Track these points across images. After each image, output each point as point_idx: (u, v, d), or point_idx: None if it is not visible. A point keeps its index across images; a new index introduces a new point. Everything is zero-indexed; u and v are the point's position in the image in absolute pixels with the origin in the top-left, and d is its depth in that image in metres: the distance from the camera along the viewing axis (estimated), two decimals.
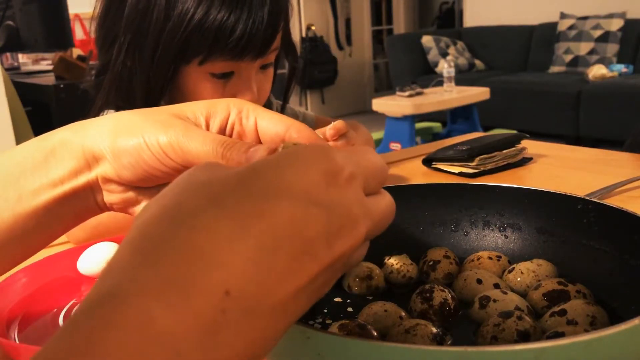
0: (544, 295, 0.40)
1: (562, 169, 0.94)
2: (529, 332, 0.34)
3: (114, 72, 0.76)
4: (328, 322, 0.40)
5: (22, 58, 3.68)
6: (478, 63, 5.15)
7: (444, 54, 4.97)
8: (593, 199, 0.43)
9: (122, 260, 0.20)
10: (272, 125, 0.35)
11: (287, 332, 0.23)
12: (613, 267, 0.41)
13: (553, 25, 4.69)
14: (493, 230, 0.49)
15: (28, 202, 0.33)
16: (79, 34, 3.93)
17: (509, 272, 0.44)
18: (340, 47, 6.06)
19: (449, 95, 3.55)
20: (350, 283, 0.45)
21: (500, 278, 0.44)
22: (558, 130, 4.17)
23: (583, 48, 4.47)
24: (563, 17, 4.60)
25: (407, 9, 6.76)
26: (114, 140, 0.33)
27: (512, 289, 0.42)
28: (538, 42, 4.87)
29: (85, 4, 3.34)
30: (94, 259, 0.57)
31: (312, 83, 5.72)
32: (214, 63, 0.73)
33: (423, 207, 0.50)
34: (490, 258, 0.45)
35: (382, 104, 3.52)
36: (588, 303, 0.37)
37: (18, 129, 1.83)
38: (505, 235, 0.48)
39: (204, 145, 0.32)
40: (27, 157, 0.34)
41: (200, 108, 0.35)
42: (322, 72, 5.74)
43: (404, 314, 0.39)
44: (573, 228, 0.44)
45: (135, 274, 0.19)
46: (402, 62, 5.13)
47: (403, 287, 0.46)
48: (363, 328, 0.36)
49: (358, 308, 0.41)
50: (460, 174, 0.90)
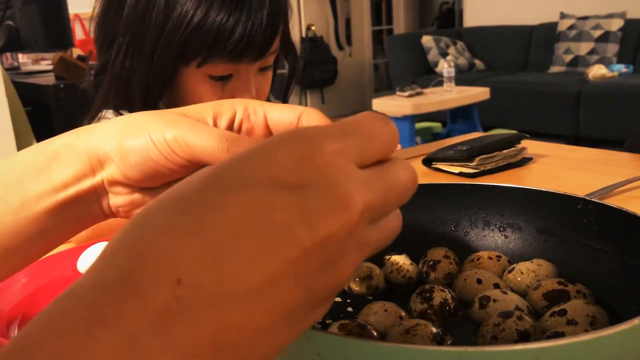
0: (544, 295, 0.40)
1: (562, 169, 0.94)
2: (529, 332, 0.34)
3: (113, 72, 0.76)
4: (328, 322, 0.40)
5: (22, 58, 3.68)
6: (478, 63, 5.15)
7: (444, 54, 4.97)
8: (593, 199, 0.43)
9: (90, 267, 0.21)
10: (284, 115, 0.35)
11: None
12: (613, 267, 0.41)
13: (553, 25, 4.69)
14: (493, 230, 0.49)
15: (31, 207, 0.33)
16: (79, 34, 3.92)
17: (509, 272, 0.44)
18: (340, 47, 6.06)
19: (449, 95, 3.55)
20: (350, 283, 0.45)
21: (500, 278, 0.44)
22: (558, 130, 4.17)
23: (583, 48, 4.47)
24: (563, 17, 4.61)
25: (407, 9, 6.77)
26: (121, 141, 0.33)
27: (512, 289, 0.42)
28: (538, 42, 4.87)
29: (85, 4, 3.34)
30: (94, 259, 0.57)
31: (312, 83, 5.72)
32: (213, 65, 0.73)
33: (423, 207, 0.50)
34: (490, 258, 0.45)
35: (382, 104, 3.52)
36: (588, 303, 0.37)
37: (18, 129, 1.83)
38: (505, 235, 0.48)
39: (210, 140, 0.32)
40: (29, 162, 0.34)
41: (207, 109, 0.35)
42: (322, 72, 5.74)
43: (404, 314, 0.39)
44: (573, 228, 0.44)
45: (90, 273, 0.20)
46: (402, 62, 5.13)
47: (403, 287, 0.46)
48: (363, 328, 0.36)
49: (358, 308, 0.41)
50: (460, 174, 0.90)
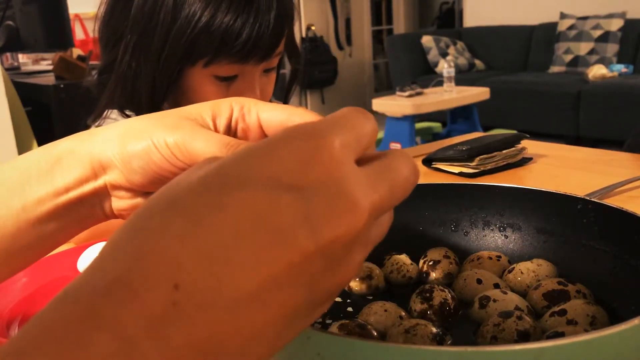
0: (544, 295, 0.40)
1: (562, 169, 0.94)
2: (529, 332, 0.34)
3: (119, 72, 0.76)
4: (328, 322, 0.40)
5: (22, 58, 3.67)
6: (478, 63, 5.15)
7: (444, 54, 4.97)
8: (593, 199, 0.43)
9: (87, 267, 0.21)
10: (274, 116, 0.35)
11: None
12: (613, 267, 0.41)
13: (553, 25, 4.69)
14: (493, 230, 0.49)
15: (32, 210, 0.33)
16: (79, 34, 3.93)
17: (509, 272, 0.44)
18: (340, 47, 6.06)
19: (449, 95, 3.55)
20: (350, 283, 0.45)
21: (500, 278, 0.44)
22: (558, 130, 4.17)
23: (583, 48, 4.47)
24: (563, 17, 4.61)
25: (407, 9, 6.77)
26: (123, 146, 0.33)
27: (512, 289, 0.42)
28: (538, 42, 4.87)
29: (85, 4, 3.34)
30: (93, 259, 0.57)
31: (312, 83, 5.72)
32: (219, 65, 0.73)
33: (423, 207, 0.50)
34: (490, 258, 0.45)
35: (382, 104, 3.52)
36: (588, 303, 0.37)
37: (18, 129, 1.83)
38: (505, 235, 0.48)
39: (208, 146, 0.32)
40: (32, 166, 0.34)
41: (206, 109, 0.35)
42: (322, 72, 5.74)
43: (404, 314, 0.39)
44: (573, 228, 0.44)
45: (86, 276, 0.20)
46: (402, 62, 5.13)
47: (403, 287, 0.46)
48: (363, 328, 0.36)
49: (358, 308, 0.41)
50: (460, 174, 0.90)
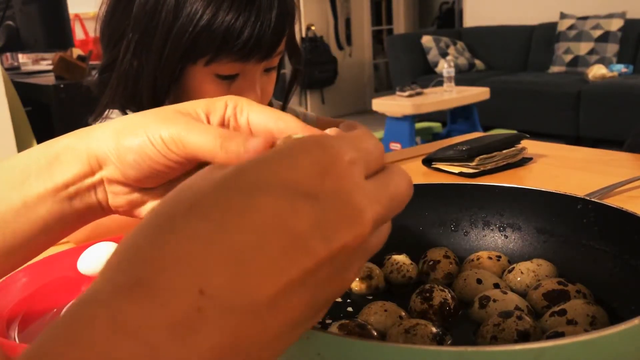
0: (544, 295, 0.40)
1: (562, 169, 0.94)
2: (529, 332, 0.34)
3: (120, 71, 0.76)
4: (328, 322, 0.40)
5: (22, 58, 3.67)
6: (478, 63, 5.15)
7: (444, 54, 4.97)
8: (593, 199, 0.43)
9: (107, 265, 0.21)
10: (261, 119, 0.35)
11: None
12: (613, 267, 0.41)
13: (553, 25, 4.69)
14: (493, 230, 0.49)
15: (32, 207, 0.34)
16: (79, 34, 3.93)
17: (509, 272, 0.44)
18: (340, 47, 6.06)
19: (449, 95, 3.55)
20: None
21: (500, 278, 0.44)
22: (558, 130, 4.17)
23: (583, 48, 4.47)
24: (563, 17, 4.60)
25: (407, 9, 6.76)
26: (118, 141, 0.33)
27: (512, 289, 0.42)
28: (538, 42, 4.87)
29: (85, 4, 3.34)
30: (94, 259, 0.57)
31: (312, 83, 5.72)
32: (220, 64, 0.74)
33: (423, 207, 0.50)
34: (490, 258, 0.45)
35: (382, 104, 3.52)
36: (588, 303, 0.37)
37: (18, 129, 1.83)
38: (505, 235, 0.48)
39: (204, 138, 0.32)
40: (31, 163, 0.34)
41: (201, 105, 0.35)
42: (322, 72, 5.73)
43: (404, 314, 0.39)
44: (573, 228, 0.44)
45: (112, 278, 0.20)
46: (402, 62, 5.13)
47: (403, 287, 0.46)
48: (363, 328, 0.36)
49: (358, 308, 0.41)
50: (460, 174, 0.90)
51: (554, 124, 4.21)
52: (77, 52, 2.63)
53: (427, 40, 5.10)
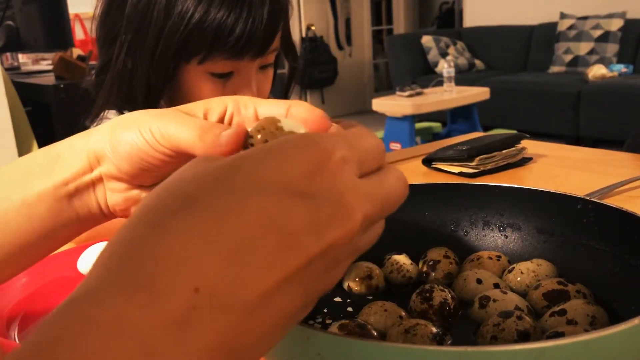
0: (544, 295, 0.40)
1: (562, 169, 0.94)
2: (529, 332, 0.34)
3: (115, 71, 0.76)
4: (328, 322, 0.40)
5: (22, 58, 3.67)
6: (478, 63, 5.15)
7: (444, 54, 4.97)
8: (593, 199, 0.43)
9: (100, 261, 0.21)
10: (272, 110, 0.35)
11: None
12: (613, 267, 0.41)
13: (553, 25, 4.69)
14: (493, 230, 0.49)
15: (33, 205, 0.34)
16: (79, 34, 3.92)
17: (509, 272, 0.44)
18: (340, 47, 6.06)
19: (449, 95, 3.55)
20: (350, 283, 0.45)
21: (500, 278, 0.44)
22: (558, 130, 4.17)
23: (583, 48, 4.47)
24: (563, 17, 4.60)
25: (407, 9, 6.76)
26: (113, 135, 0.34)
27: (512, 289, 0.42)
28: (538, 42, 4.87)
29: (85, 4, 3.34)
30: (94, 259, 0.57)
31: (312, 83, 5.72)
32: (214, 62, 0.73)
33: (423, 207, 0.50)
34: (490, 258, 0.45)
35: (382, 104, 3.52)
36: (588, 303, 0.37)
37: (18, 129, 1.83)
38: (505, 235, 0.48)
39: (183, 129, 0.32)
40: (34, 163, 0.35)
41: (198, 105, 0.36)
42: (322, 72, 5.73)
43: (404, 314, 0.39)
44: (573, 228, 0.44)
45: (108, 274, 0.20)
46: (402, 62, 5.13)
47: (403, 287, 0.46)
48: (363, 328, 0.36)
49: (358, 308, 0.41)
50: (460, 174, 0.90)
51: (554, 124, 4.21)
52: (77, 52, 2.63)
53: (427, 40, 5.10)
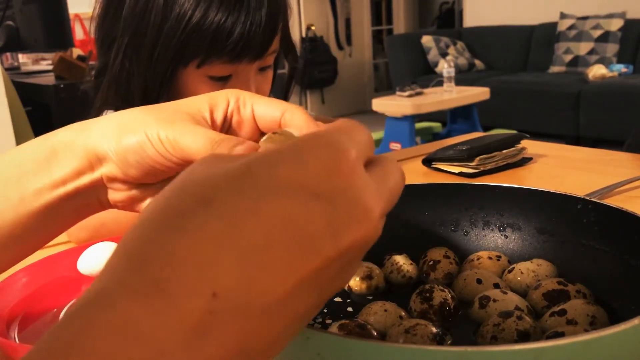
0: (544, 295, 0.40)
1: (562, 169, 0.94)
2: (529, 332, 0.34)
3: (113, 73, 0.76)
4: (328, 322, 0.40)
5: (22, 58, 3.67)
6: (478, 63, 5.15)
7: (444, 54, 4.97)
8: (593, 199, 0.43)
9: (113, 263, 0.20)
10: (268, 111, 0.35)
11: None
12: (613, 267, 0.41)
13: (553, 25, 4.69)
14: (493, 230, 0.49)
15: (30, 203, 0.34)
16: (79, 34, 3.92)
17: (509, 272, 0.44)
18: (340, 47, 6.06)
19: (449, 95, 3.55)
20: (350, 283, 0.45)
21: (500, 278, 0.44)
22: (558, 130, 4.17)
23: (583, 48, 4.47)
24: (563, 17, 4.60)
25: (407, 9, 6.76)
26: (119, 140, 0.33)
27: (512, 289, 0.42)
28: (538, 42, 4.87)
29: (85, 4, 3.34)
30: (94, 259, 0.57)
31: (312, 83, 5.72)
32: (212, 65, 0.73)
33: (423, 207, 0.50)
34: (490, 258, 0.45)
35: (382, 104, 3.52)
36: (588, 303, 0.37)
37: (18, 129, 1.83)
38: (505, 235, 0.48)
39: (195, 143, 0.32)
40: (28, 158, 0.34)
41: (203, 102, 0.35)
42: (322, 72, 5.73)
43: (404, 314, 0.39)
44: (573, 228, 0.44)
45: (122, 277, 0.19)
46: (402, 62, 5.12)
47: (403, 287, 0.46)
48: (363, 328, 0.36)
49: (358, 308, 0.41)
50: (460, 174, 0.90)
51: (554, 124, 4.21)
52: (77, 52, 2.63)
53: (427, 40, 5.10)
